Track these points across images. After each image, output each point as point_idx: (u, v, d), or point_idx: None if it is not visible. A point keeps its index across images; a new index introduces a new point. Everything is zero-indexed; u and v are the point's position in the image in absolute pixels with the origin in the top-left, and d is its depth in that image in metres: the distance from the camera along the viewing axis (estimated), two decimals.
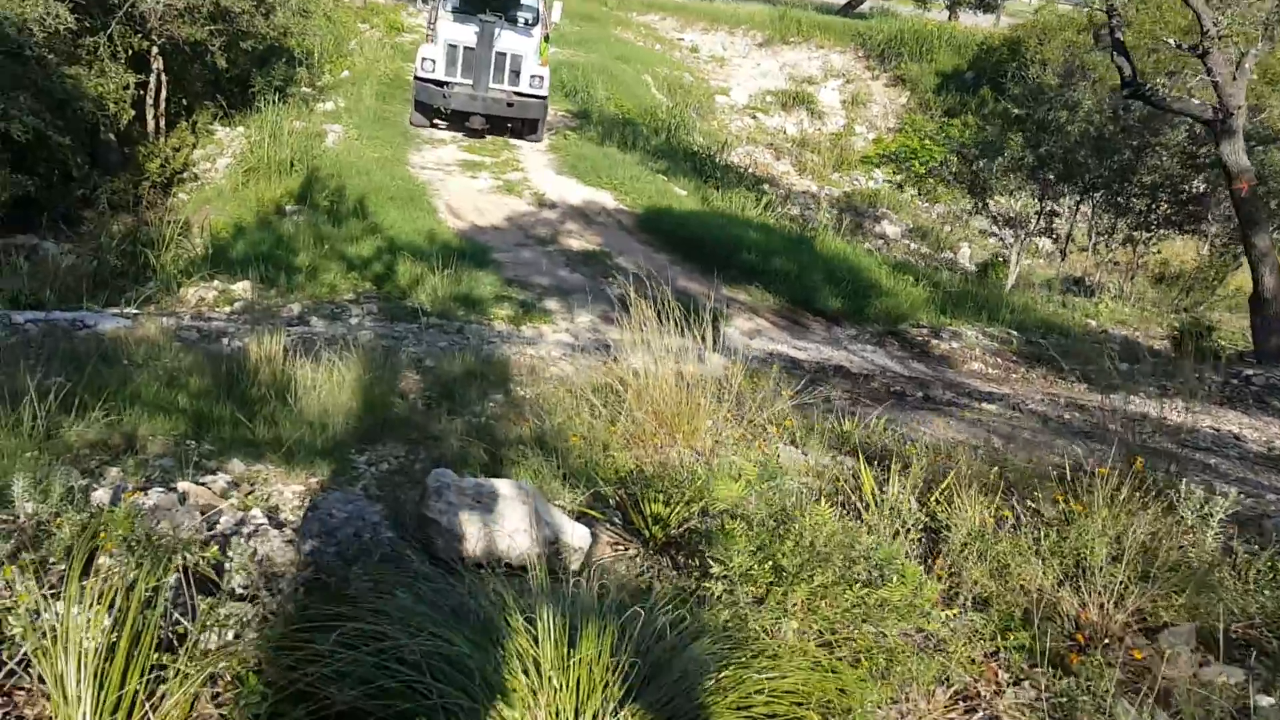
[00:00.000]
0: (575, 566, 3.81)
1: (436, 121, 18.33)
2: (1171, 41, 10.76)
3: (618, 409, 5.96)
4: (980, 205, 15.12)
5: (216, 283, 10.25)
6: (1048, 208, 14.78)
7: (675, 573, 3.98)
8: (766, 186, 21.90)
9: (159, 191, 15.32)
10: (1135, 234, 14.70)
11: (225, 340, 8.21)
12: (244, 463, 5.12)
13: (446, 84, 17.28)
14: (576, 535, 3.81)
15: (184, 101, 17.06)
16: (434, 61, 17.24)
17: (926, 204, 25.14)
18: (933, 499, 4.27)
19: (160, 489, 4.15)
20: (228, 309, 9.64)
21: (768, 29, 33.10)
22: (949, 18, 39.43)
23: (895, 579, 3.14)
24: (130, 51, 14.94)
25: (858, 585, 3.15)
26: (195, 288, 10.10)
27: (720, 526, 3.46)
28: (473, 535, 3.57)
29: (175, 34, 14.88)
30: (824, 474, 5.06)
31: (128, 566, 2.85)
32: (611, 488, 4.89)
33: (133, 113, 14.88)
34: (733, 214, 15.56)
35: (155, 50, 15.32)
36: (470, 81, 17.20)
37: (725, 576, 3.31)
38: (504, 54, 17.25)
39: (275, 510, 4.39)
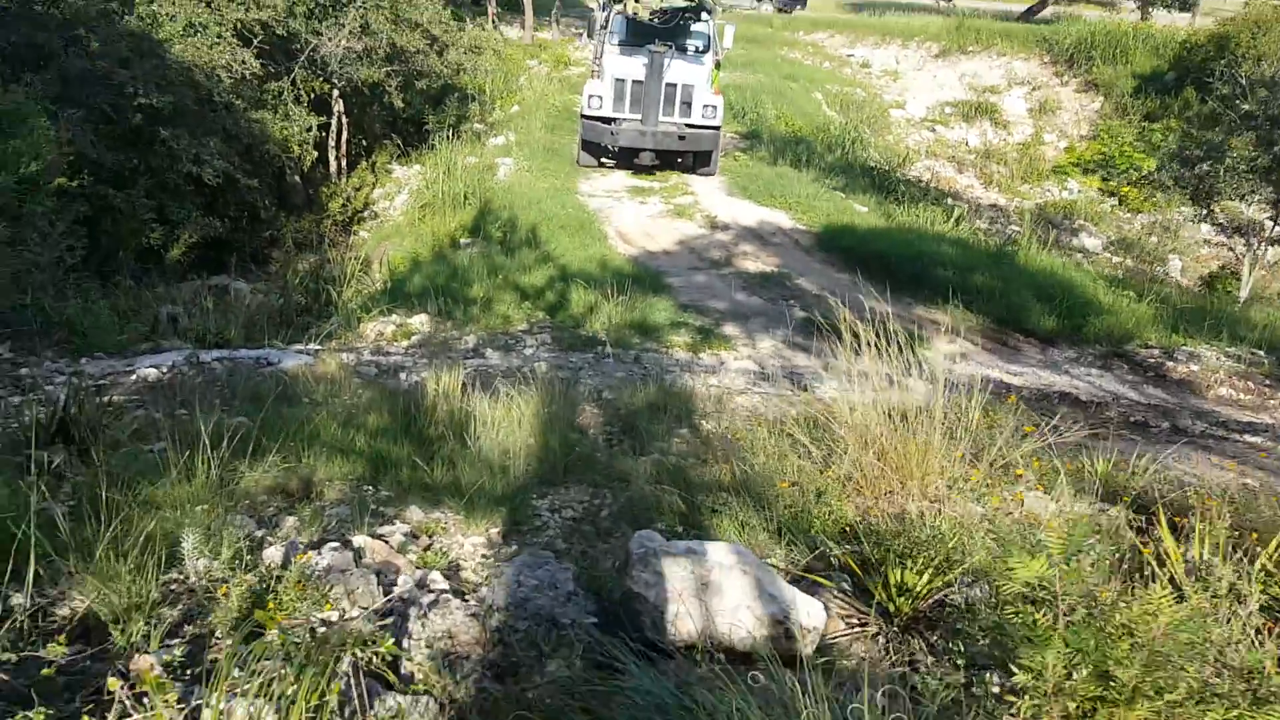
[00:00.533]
0: (809, 651, 3.15)
1: (604, 160, 17.53)
2: None
3: (829, 447, 5.26)
4: (1205, 212, 13.61)
5: (395, 317, 10.14)
6: None
7: (931, 658, 3.25)
8: (950, 201, 20.72)
9: (341, 230, 15.63)
10: None
11: (403, 375, 7.98)
12: (422, 509, 4.70)
13: (614, 120, 16.39)
14: (809, 612, 3.15)
15: (364, 142, 17.45)
16: (600, 98, 16.39)
17: (1129, 214, 23.29)
18: (1263, 563, 3.39)
19: (335, 544, 3.74)
20: (405, 343, 9.47)
21: (943, 39, 31.72)
22: (1141, 18, 36.91)
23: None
24: (312, 95, 15.34)
25: (1219, 705, 2.35)
26: (374, 322, 10.02)
27: (1023, 617, 2.70)
28: (686, 614, 2.96)
29: (354, 76, 15.18)
30: (1090, 529, 4.22)
31: (293, 658, 2.37)
32: (836, 545, 4.20)
33: (315, 154, 15.26)
34: (920, 229, 14.59)
35: (336, 93, 15.68)
36: (639, 116, 16.27)
37: (1032, 688, 2.55)
38: (674, 85, 16.32)
39: (456, 568, 3.93)
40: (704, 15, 17.12)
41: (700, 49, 17.12)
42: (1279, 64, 22.02)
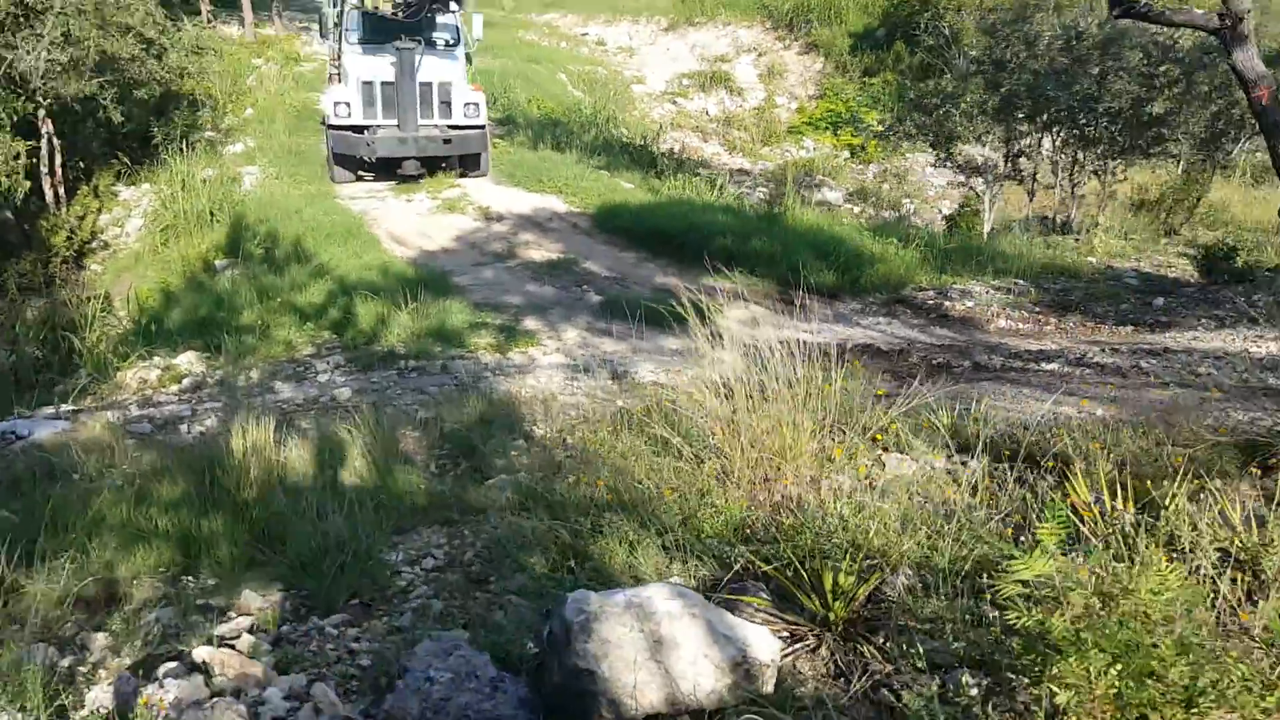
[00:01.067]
0: (770, 688, 2.75)
1: (362, 174, 15.68)
2: None
3: (687, 436, 4.89)
4: (945, 156, 14.32)
5: (157, 359, 8.91)
6: (1014, 149, 14.02)
7: (889, 665, 2.94)
8: (703, 170, 20.98)
9: (71, 267, 13.78)
10: (1103, 164, 14.03)
11: (184, 427, 6.96)
12: (260, 591, 3.96)
13: (367, 129, 14.66)
14: (762, 645, 2.75)
15: (82, 165, 15.46)
16: (347, 105, 14.61)
17: (861, 165, 24.48)
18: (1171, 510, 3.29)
19: (173, 665, 3.00)
20: (175, 388, 8.32)
21: (671, 13, 32.16)
22: None
23: None
24: (15, 117, 13.37)
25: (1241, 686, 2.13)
26: (134, 369, 8.74)
27: (1032, 622, 2.38)
28: (646, 681, 2.49)
29: (62, 92, 13.33)
30: (958, 483, 4.09)
31: None
32: (737, 549, 3.84)
33: (28, 184, 13.30)
34: (690, 201, 14.55)
35: (42, 113, 13.75)
36: (395, 122, 14.69)
37: (1077, 706, 2.25)
38: (429, 84, 14.92)
39: (329, 664, 3.25)
40: (453, 5, 15.59)
41: (450, 42, 15.76)
42: (997, 13, 23.72)
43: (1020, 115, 13.55)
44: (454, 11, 15.74)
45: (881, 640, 3.15)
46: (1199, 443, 4.18)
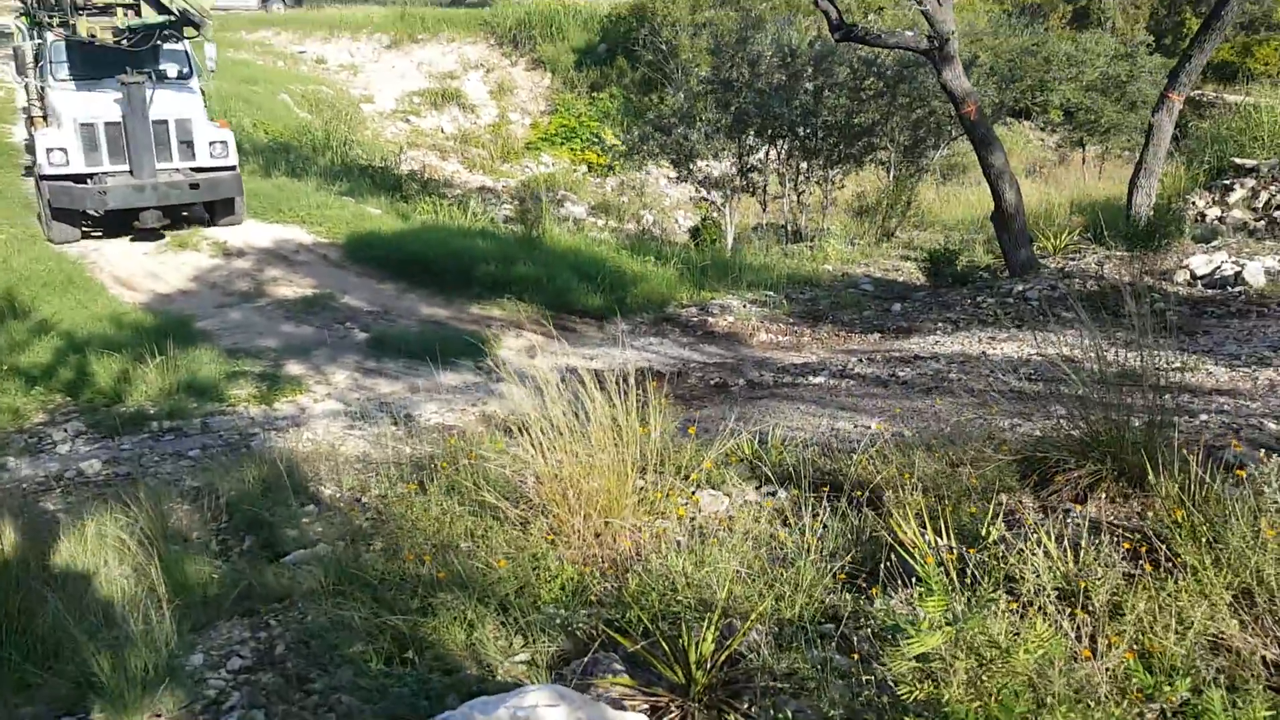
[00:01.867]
0: None
1: (88, 229, 13.50)
2: None
3: (505, 498, 4.66)
4: (686, 173, 14.76)
5: None
6: (746, 163, 14.66)
7: None
8: (447, 189, 20.52)
9: None
10: (824, 173, 14.98)
11: None
12: None
13: (93, 178, 12.55)
14: None
15: None
16: (64, 151, 12.46)
17: (598, 179, 24.85)
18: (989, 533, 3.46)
19: None
20: None
21: (392, 29, 31.22)
22: None
23: None
24: None
25: None
26: None
27: (967, 708, 2.36)
28: None
29: None
30: (786, 524, 4.15)
31: None
32: (582, 615, 3.68)
33: None
34: (445, 225, 14.15)
35: None
36: (126, 168, 12.68)
37: None
38: (165, 122, 12.99)
39: None
40: (188, 30, 13.61)
41: (183, 73, 13.97)
42: (679, 33, 24.71)
43: (751, 131, 14.19)
44: (181, 39, 13.91)
45: (746, 705, 3.09)
46: (984, 461, 4.44)
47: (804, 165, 15.19)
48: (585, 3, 34.47)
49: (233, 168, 13.65)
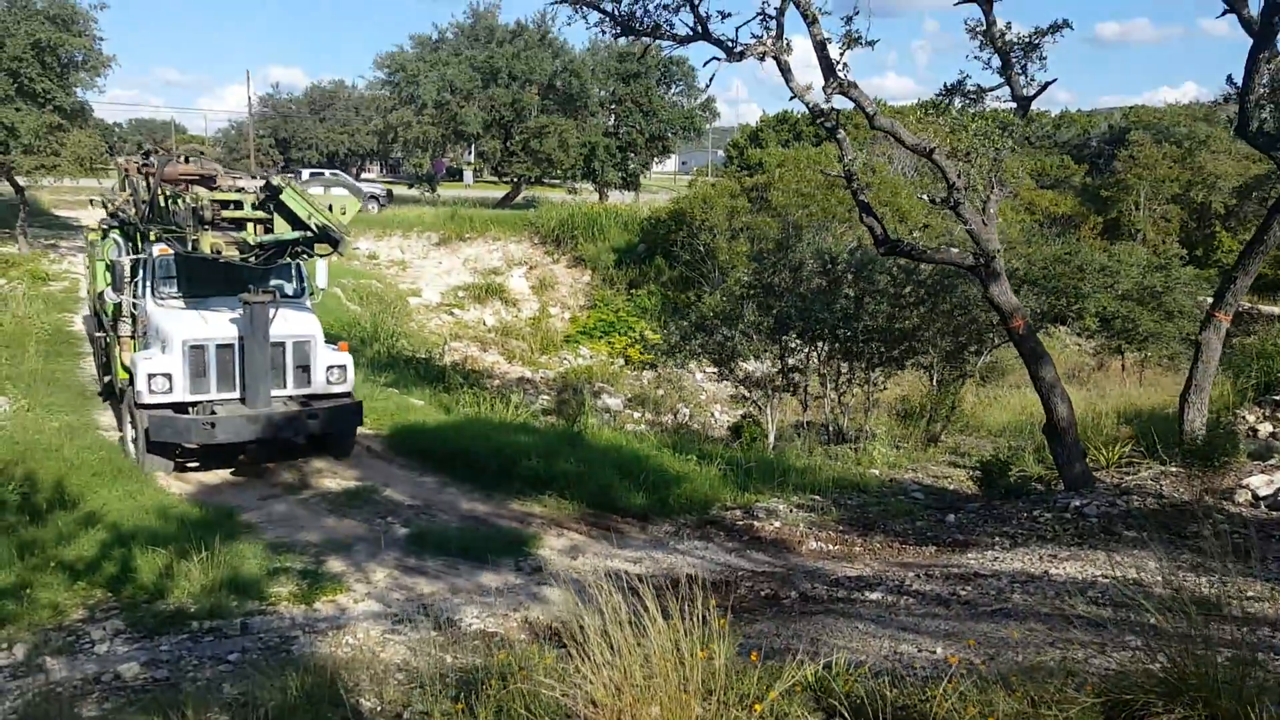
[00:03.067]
0: None
1: (185, 462, 11.95)
2: (925, 198, 11.17)
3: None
4: (727, 371, 15.02)
5: None
6: (787, 364, 14.90)
7: None
8: (487, 379, 20.93)
9: None
10: (866, 374, 15.16)
11: None
12: None
13: (195, 406, 11.23)
14: None
15: None
16: (166, 377, 11.13)
17: (635, 371, 25.28)
18: None
19: None
20: None
21: (442, 228, 32.80)
22: (599, 198, 41.42)
23: None
24: None
25: None
26: None
27: None
28: None
29: None
30: None
31: None
32: None
33: None
34: (487, 419, 14.34)
35: None
36: (235, 395, 11.36)
37: None
38: (282, 344, 11.63)
39: None
40: (321, 247, 12.29)
41: (298, 290, 12.71)
42: (716, 237, 25.67)
43: (793, 333, 14.48)
44: (313, 256, 12.49)
45: None
46: (1066, 702, 4.25)
47: (845, 367, 15.38)
48: (626, 206, 36.17)
49: (349, 395, 12.11)
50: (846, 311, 14.51)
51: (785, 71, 10.45)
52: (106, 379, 13.94)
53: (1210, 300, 11.26)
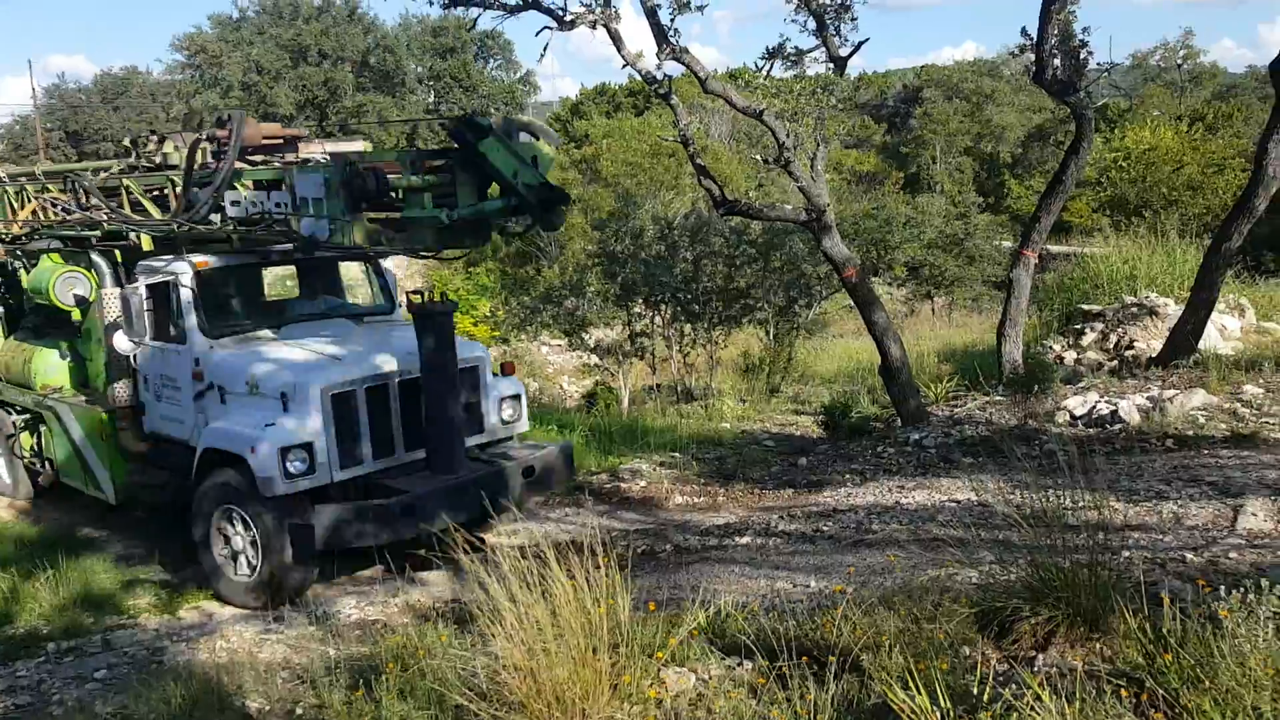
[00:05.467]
0: None
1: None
2: (758, 157, 11.41)
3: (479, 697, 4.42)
4: (578, 340, 15.03)
5: None
6: (634, 329, 15.06)
7: None
8: None
9: None
10: (708, 334, 15.52)
11: None
12: None
13: (353, 486, 7.67)
14: None
15: None
16: (306, 451, 7.31)
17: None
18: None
19: None
20: None
21: None
22: None
23: None
24: None
25: None
26: None
27: None
28: None
29: None
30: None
31: None
32: None
33: None
34: None
35: None
36: (394, 458, 7.84)
37: None
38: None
39: None
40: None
41: (387, 304, 9.40)
42: (602, 210, 25.58)
43: (638, 299, 14.64)
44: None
45: None
46: (947, 615, 4.52)
47: (688, 328, 15.68)
48: None
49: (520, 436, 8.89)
50: (686, 274, 14.77)
51: (616, 39, 10.45)
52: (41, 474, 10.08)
53: (1010, 242, 12.07)
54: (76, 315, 9.36)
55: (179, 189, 8.00)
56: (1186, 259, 13.95)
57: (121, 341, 8.33)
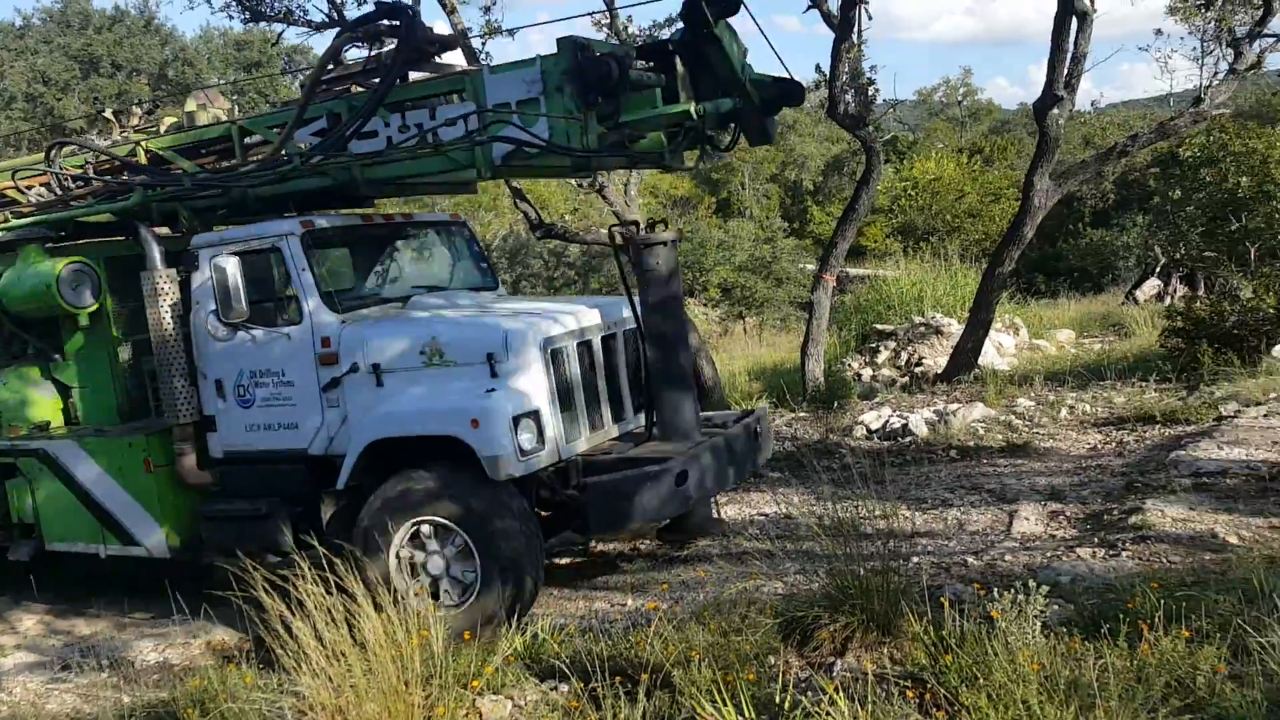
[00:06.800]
0: None
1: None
2: (575, 183, 11.50)
3: None
4: None
5: None
6: None
7: None
8: None
9: None
10: None
11: None
12: None
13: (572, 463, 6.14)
14: None
15: None
16: (534, 420, 5.80)
17: None
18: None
19: None
20: None
21: None
22: None
23: None
24: None
25: None
26: None
27: None
28: None
29: None
30: None
31: None
32: None
33: None
34: None
35: None
36: (610, 429, 6.60)
37: None
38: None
39: None
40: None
41: (487, 276, 7.95)
42: None
43: None
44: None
45: None
46: (751, 627, 4.68)
47: None
48: None
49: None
50: None
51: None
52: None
53: (813, 265, 12.72)
54: (85, 320, 7.24)
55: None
56: (967, 281, 15.06)
57: (214, 326, 6.57)
